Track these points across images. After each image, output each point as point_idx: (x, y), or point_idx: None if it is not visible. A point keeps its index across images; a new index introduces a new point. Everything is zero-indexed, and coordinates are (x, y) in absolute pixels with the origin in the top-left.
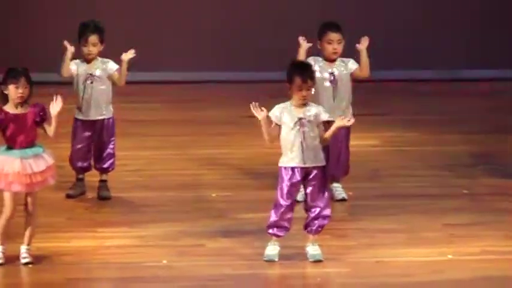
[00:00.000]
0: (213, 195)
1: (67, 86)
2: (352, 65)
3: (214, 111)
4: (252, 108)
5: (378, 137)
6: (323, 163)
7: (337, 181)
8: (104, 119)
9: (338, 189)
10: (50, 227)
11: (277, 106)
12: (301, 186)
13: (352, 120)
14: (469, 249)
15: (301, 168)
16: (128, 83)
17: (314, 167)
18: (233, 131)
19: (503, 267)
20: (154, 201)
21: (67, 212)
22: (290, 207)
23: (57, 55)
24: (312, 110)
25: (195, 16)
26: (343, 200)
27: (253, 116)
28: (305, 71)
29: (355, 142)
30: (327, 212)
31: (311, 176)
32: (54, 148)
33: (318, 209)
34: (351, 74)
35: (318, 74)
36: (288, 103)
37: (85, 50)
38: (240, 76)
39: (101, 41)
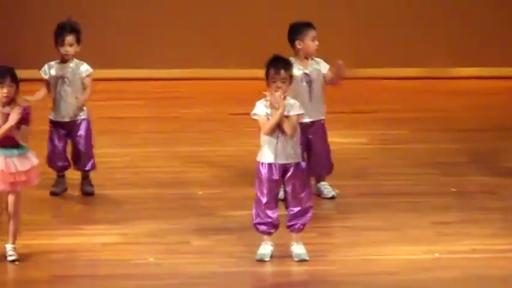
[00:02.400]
0: (200, 192)
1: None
2: (324, 67)
3: (201, 109)
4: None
5: (366, 135)
6: (299, 159)
7: (323, 180)
8: (75, 121)
9: (327, 187)
10: (36, 225)
11: (259, 103)
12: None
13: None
14: (457, 247)
15: (279, 164)
16: (113, 79)
17: (291, 163)
18: (220, 128)
19: (491, 266)
20: (140, 198)
21: (53, 210)
22: (272, 204)
23: (38, 52)
24: (289, 104)
25: (183, 12)
26: (333, 197)
27: (240, 114)
28: (279, 63)
29: (343, 140)
30: (309, 209)
31: (290, 174)
32: (35, 146)
33: (298, 208)
34: (323, 76)
35: (296, 74)
36: (265, 99)
37: (62, 50)
38: (228, 73)
39: (78, 41)
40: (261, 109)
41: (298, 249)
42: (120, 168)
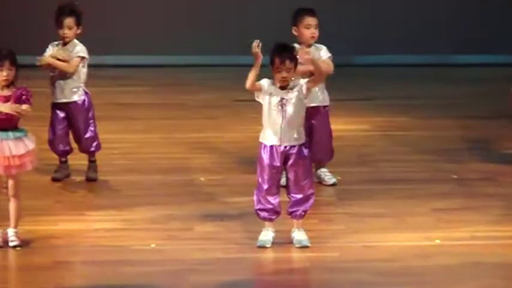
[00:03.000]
0: (202, 179)
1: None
2: (324, 53)
3: (204, 95)
4: (254, 45)
5: (368, 122)
6: (303, 140)
7: (324, 166)
8: (73, 102)
9: (327, 175)
10: (38, 210)
11: (266, 79)
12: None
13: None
14: (457, 234)
15: (281, 150)
16: (117, 66)
17: (293, 147)
18: (222, 115)
19: (492, 253)
20: (143, 184)
21: (55, 195)
22: (273, 190)
23: (35, 37)
24: (294, 88)
25: None
26: (334, 184)
27: (244, 100)
28: (284, 52)
29: (345, 127)
30: (311, 196)
31: (292, 160)
32: (38, 131)
33: (300, 195)
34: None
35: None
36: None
37: (60, 32)
38: (231, 60)
39: (78, 24)
40: (263, 82)
41: (299, 235)
42: (124, 154)
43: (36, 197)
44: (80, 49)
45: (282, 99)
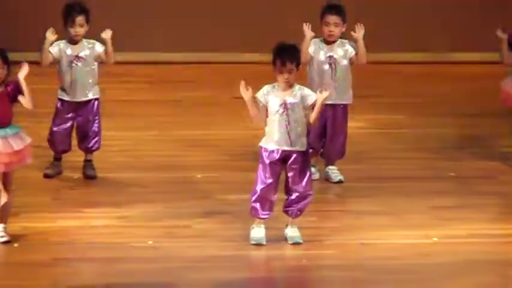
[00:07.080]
0: (199, 176)
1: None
2: (351, 50)
3: (201, 93)
4: (240, 87)
5: (364, 119)
6: (304, 148)
7: (333, 164)
8: (89, 100)
9: (334, 172)
10: (36, 207)
11: (265, 86)
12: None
13: (326, 93)
14: (455, 232)
15: (282, 150)
16: (115, 63)
17: (294, 151)
18: (219, 113)
19: (489, 251)
20: (140, 181)
21: (52, 192)
22: (272, 187)
23: (38, 34)
24: (298, 92)
25: None
26: (340, 182)
27: (240, 98)
28: (285, 53)
29: None
30: (308, 196)
31: (292, 159)
32: (36, 128)
33: (297, 194)
34: (350, 59)
35: (319, 57)
36: (275, 84)
37: (72, 31)
38: (227, 57)
39: (87, 22)
40: (261, 93)
41: (292, 232)
42: (121, 152)
43: (34, 194)
44: (99, 45)
45: (284, 102)
